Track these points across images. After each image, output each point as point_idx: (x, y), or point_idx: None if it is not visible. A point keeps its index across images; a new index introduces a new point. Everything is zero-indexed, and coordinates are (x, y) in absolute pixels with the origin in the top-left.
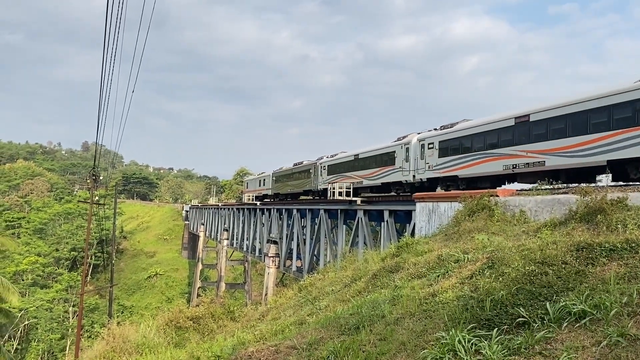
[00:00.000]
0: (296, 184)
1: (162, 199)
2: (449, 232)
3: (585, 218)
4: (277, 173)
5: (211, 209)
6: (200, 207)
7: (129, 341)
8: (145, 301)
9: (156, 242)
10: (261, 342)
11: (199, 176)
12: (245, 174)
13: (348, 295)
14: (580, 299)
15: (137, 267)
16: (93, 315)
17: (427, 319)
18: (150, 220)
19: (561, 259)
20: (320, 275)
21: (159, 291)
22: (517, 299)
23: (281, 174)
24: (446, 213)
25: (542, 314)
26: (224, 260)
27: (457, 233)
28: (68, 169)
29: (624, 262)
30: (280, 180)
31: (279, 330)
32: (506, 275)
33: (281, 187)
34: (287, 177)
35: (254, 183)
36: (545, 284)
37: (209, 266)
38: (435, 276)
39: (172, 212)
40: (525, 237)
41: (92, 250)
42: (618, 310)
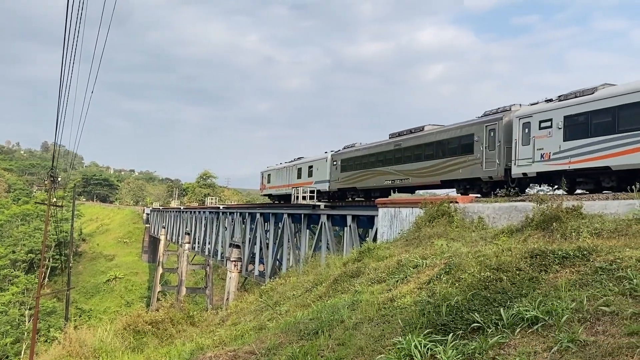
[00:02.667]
0: (424, 168)
1: (123, 201)
2: (409, 238)
3: (541, 225)
4: (349, 153)
5: (173, 212)
6: (161, 210)
7: (86, 345)
8: (104, 305)
9: (116, 245)
10: (220, 347)
11: (161, 178)
12: (209, 177)
13: (309, 300)
14: (533, 305)
15: (95, 270)
16: (50, 318)
17: (385, 323)
18: (110, 222)
19: (516, 266)
20: (282, 279)
21: (118, 295)
22: (472, 305)
23: (362, 154)
24: (407, 218)
25: (497, 319)
26: (185, 264)
27: (418, 238)
28: (27, 169)
29: (575, 269)
30: (359, 164)
31: (238, 335)
32: (462, 281)
33: (361, 176)
34: (384, 157)
35: (284, 174)
36: (499, 290)
37: (169, 270)
38: (394, 281)
39: (132, 215)
40: (483, 244)
41: (50, 252)
42: (569, 316)
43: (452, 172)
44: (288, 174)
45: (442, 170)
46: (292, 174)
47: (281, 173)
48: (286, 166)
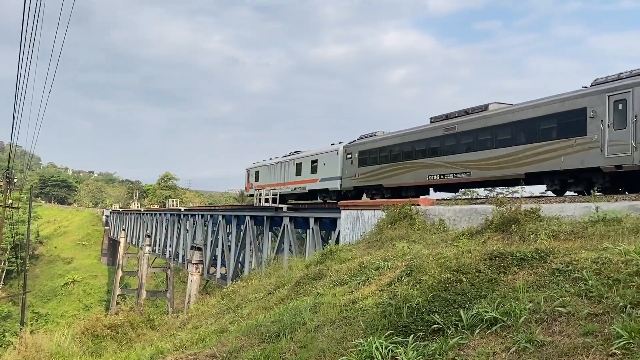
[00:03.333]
0: (496, 158)
1: (82, 203)
2: (371, 240)
3: (501, 228)
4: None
5: (133, 214)
6: (121, 212)
7: (42, 350)
8: (62, 309)
9: (74, 247)
10: (180, 350)
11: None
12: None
13: (271, 302)
14: (492, 306)
15: (53, 274)
16: (5, 323)
17: (346, 325)
18: (68, 225)
19: (475, 267)
20: (244, 282)
21: (76, 298)
22: (432, 306)
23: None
24: (370, 221)
25: (456, 320)
26: (145, 267)
27: (380, 241)
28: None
29: (533, 270)
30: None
31: (199, 339)
32: (423, 282)
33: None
34: (426, 147)
35: (277, 171)
36: (459, 292)
37: (129, 273)
38: (356, 283)
39: (91, 217)
40: (444, 246)
41: (6, 255)
42: (527, 317)
43: (546, 161)
44: (283, 171)
45: (526, 159)
46: (288, 171)
47: (273, 170)
48: (280, 161)
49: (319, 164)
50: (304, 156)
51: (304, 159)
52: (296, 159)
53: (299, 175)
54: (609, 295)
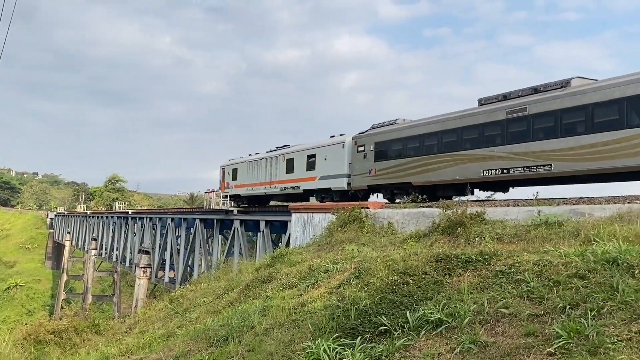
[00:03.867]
0: (594, 145)
1: (25, 205)
2: (322, 243)
3: (447, 231)
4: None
5: (79, 217)
6: (66, 215)
7: None
8: (3, 314)
9: (17, 251)
10: (126, 356)
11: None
12: (118, 180)
13: (219, 306)
14: (438, 307)
15: None
16: None
17: (295, 328)
18: (11, 228)
19: (422, 270)
20: (192, 286)
21: (18, 303)
22: (380, 308)
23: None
24: (320, 224)
25: (403, 322)
26: (91, 271)
27: (330, 243)
28: None
29: (477, 272)
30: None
31: (145, 344)
32: (371, 285)
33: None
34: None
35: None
36: (406, 294)
37: (75, 277)
38: (305, 286)
39: (35, 220)
40: (392, 248)
41: None
42: (471, 318)
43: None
44: (269, 168)
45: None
46: (276, 168)
47: (256, 167)
48: (265, 157)
49: (318, 160)
50: (297, 150)
51: (298, 154)
52: (287, 154)
53: (291, 173)
54: (549, 296)
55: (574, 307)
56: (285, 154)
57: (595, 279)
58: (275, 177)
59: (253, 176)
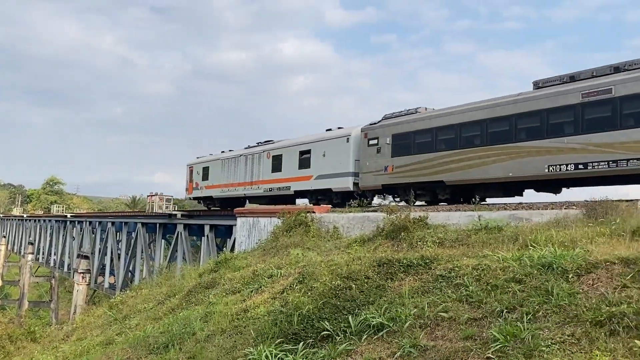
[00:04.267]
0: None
1: None
2: (267, 247)
3: (391, 235)
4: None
5: (15, 220)
6: (2, 218)
7: None
8: None
9: None
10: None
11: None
12: (57, 183)
13: (160, 312)
14: (380, 312)
15: None
16: None
17: (237, 335)
18: None
19: (364, 274)
20: (133, 292)
21: None
22: (323, 313)
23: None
24: (266, 228)
25: (345, 327)
26: (27, 277)
27: (275, 248)
28: None
29: (418, 277)
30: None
31: (83, 351)
32: (314, 289)
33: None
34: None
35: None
36: (349, 298)
37: (10, 283)
38: (249, 291)
39: None
40: (337, 253)
41: None
42: (411, 322)
43: None
44: (250, 166)
45: None
46: (259, 166)
47: (234, 165)
48: (245, 154)
49: (314, 156)
50: (286, 146)
51: (287, 150)
52: (273, 150)
53: (278, 172)
54: (487, 300)
55: (511, 311)
56: (271, 150)
57: (531, 283)
58: (258, 177)
59: (229, 175)
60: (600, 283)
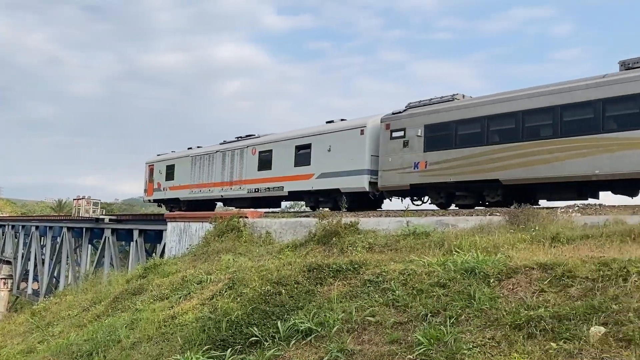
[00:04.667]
0: None
1: None
2: (198, 253)
3: (322, 240)
4: (452, 112)
5: None
6: None
7: None
8: None
9: None
10: None
11: None
12: None
13: (85, 320)
14: (308, 317)
15: None
16: None
17: (164, 342)
18: None
19: (294, 279)
20: (57, 298)
21: None
22: (252, 319)
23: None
24: (197, 233)
25: (274, 332)
26: None
27: (206, 253)
28: None
29: (347, 281)
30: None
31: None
32: (244, 295)
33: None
34: None
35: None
36: (278, 304)
37: None
38: (177, 298)
39: None
40: (268, 258)
41: None
42: (339, 326)
43: None
44: (229, 164)
45: None
46: (241, 163)
47: (207, 162)
48: (221, 150)
49: (316, 151)
50: (278, 140)
51: (279, 145)
52: (259, 145)
53: (266, 170)
54: (413, 304)
55: (435, 315)
56: (257, 145)
57: (455, 287)
58: (240, 176)
59: (201, 175)
60: (519, 288)
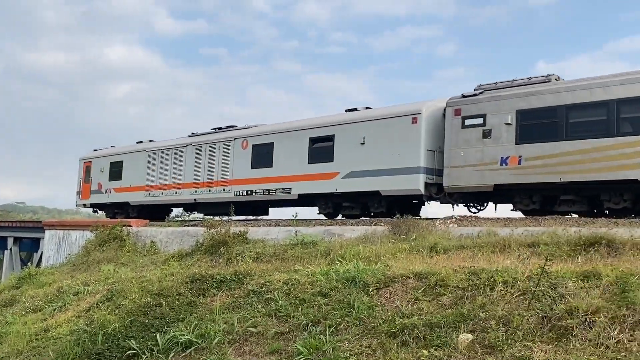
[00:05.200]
0: None
1: None
2: (77, 263)
3: (210, 250)
4: (564, 89)
5: None
6: None
7: None
8: None
9: None
10: None
11: None
12: None
13: None
14: (189, 329)
15: None
16: None
17: (35, 356)
18: None
19: (176, 291)
20: None
21: None
22: (130, 331)
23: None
24: (77, 242)
25: (152, 345)
26: None
27: (86, 263)
28: None
29: (231, 292)
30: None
31: None
32: (123, 307)
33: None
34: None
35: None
36: (158, 315)
37: None
38: (52, 310)
39: None
40: (152, 268)
41: None
42: (220, 338)
43: None
44: (206, 160)
45: None
46: (226, 160)
47: (170, 159)
48: (194, 143)
49: (342, 144)
50: (282, 130)
51: (285, 137)
52: (252, 136)
53: (265, 167)
54: (295, 314)
55: (315, 324)
56: (250, 137)
57: (336, 296)
58: (225, 175)
59: (164, 174)
60: (396, 296)
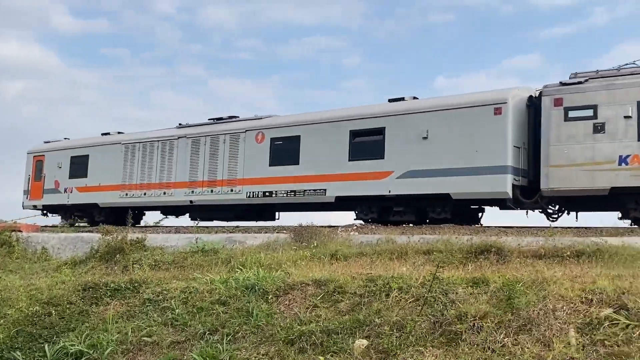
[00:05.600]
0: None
1: None
2: None
3: (105, 257)
4: None
5: None
6: None
7: None
8: None
9: None
10: None
11: None
12: None
13: None
14: (80, 338)
15: None
16: None
17: None
18: None
19: (67, 299)
20: None
21: None
22: (15, 343)
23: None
24: None
25: (40, 356)
26: None
27: None
28: None
29: (125, 301)
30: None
31: None
32: (8, 317)
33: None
34: None
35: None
36: (47, 325)
37: None
38: None
39: None
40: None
41: None
42: (113, 348)
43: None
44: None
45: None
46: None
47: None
48: (188, 134)
49: (395, 139)
50: (311, 121)
51: (315, 129)
52: (270, 128)
53: (288, 165)
54: (192, 323)
55: (213, 333)
56: (267, 129)
57: (235, 304)
58: (231, 173)
59: (147, 170)
60: (295, 303)
